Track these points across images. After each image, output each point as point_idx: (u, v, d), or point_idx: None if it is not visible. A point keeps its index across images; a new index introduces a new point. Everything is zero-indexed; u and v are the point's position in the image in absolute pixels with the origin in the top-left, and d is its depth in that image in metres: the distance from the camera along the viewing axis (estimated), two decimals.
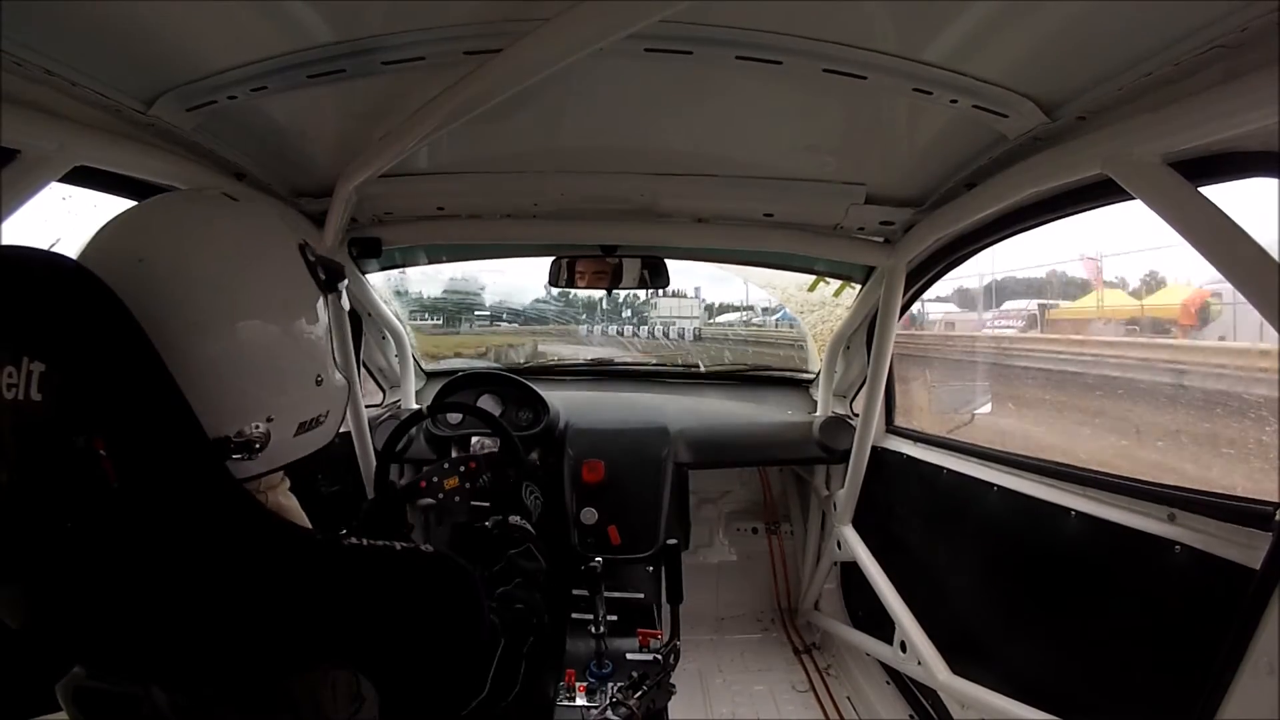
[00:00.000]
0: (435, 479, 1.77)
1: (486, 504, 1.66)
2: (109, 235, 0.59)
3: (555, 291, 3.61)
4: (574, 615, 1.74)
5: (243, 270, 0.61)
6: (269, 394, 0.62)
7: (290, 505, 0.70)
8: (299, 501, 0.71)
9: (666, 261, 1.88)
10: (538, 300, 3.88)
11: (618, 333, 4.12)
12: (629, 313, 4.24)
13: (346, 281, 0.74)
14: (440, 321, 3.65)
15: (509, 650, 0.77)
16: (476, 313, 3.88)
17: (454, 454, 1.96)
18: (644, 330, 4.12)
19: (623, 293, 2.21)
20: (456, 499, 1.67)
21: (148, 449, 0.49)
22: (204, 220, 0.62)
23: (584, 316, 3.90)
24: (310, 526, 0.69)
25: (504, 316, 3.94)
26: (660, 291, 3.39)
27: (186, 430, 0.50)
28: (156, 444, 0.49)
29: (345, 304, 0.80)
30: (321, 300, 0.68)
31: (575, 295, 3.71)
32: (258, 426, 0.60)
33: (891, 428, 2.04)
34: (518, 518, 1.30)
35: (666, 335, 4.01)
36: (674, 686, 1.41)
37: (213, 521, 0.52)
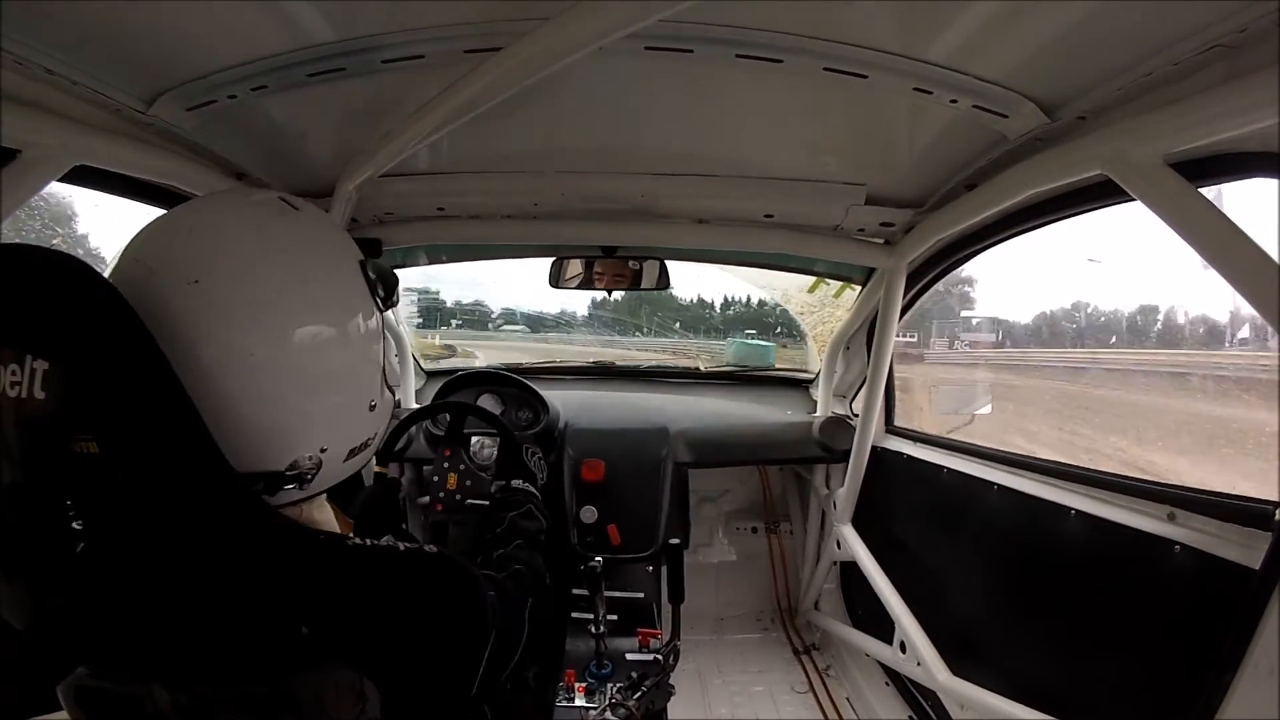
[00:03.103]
0: (435, 479, 1.77)
1: (486, 502, 1.66)
2: (152, 250, 0.54)
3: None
4: (574, 615, 1.74)
5: (306, 295, 0.57)
6: (325, 424, 0.59)
7: (323, 519, 0.67)
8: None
9: (667, 262, 1.88)
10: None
11: None
12: None
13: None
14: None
15: (509, 615, 0.71)
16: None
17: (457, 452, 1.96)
18: None
19: None
20: (458, 497, 1.67)
21: (150, 452, 0.48)
22: (265, 237, 0.57)
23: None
24: (341, 533, 0.67)
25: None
26: None
27: (191, 432, 0.50)
28: (160, 447, 0.48)
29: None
30: (378, 319, 0.64)
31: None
32: (310, 457, 0.58)
33: (891, 428, 2.05)
34: (520, 481, 1.28)
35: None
36: (673, 687, 1.41)
37: (218, 525, 0.52)
